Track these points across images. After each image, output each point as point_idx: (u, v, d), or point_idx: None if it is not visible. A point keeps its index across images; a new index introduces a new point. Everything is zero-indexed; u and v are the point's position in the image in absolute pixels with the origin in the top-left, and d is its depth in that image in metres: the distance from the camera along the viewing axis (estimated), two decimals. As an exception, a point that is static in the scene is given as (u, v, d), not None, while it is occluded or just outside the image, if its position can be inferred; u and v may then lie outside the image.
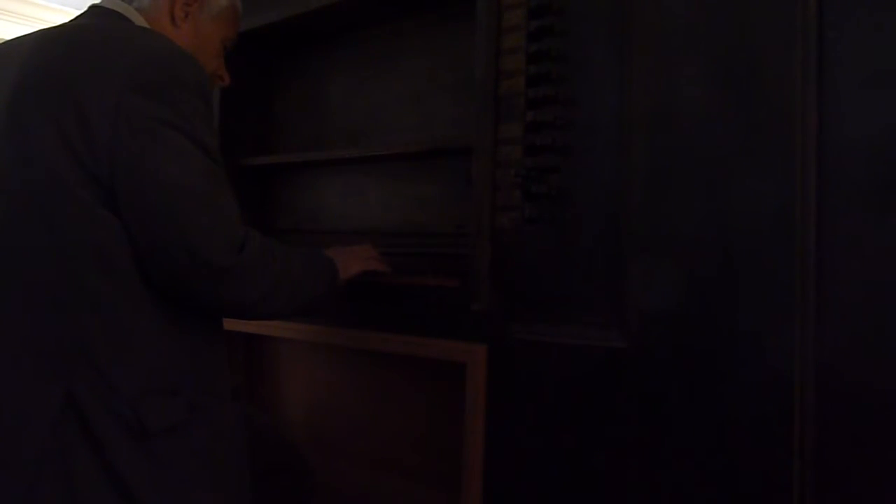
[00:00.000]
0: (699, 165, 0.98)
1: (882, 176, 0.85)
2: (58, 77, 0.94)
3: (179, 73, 0.96)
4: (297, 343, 1.72)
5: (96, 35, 1.01)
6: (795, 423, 0.89)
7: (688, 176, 0.98)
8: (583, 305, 1.07)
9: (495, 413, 1.17)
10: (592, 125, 1.08)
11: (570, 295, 1.09)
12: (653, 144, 1.02)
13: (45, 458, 0.90)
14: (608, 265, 1.05)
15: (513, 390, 1.15)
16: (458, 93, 1.49)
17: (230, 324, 1.15)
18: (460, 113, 1.49)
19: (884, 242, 0.84)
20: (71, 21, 1.10)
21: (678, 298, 0.98)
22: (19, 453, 0.91)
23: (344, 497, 1.61)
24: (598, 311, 1.06)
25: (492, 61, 1.19)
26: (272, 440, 1.35)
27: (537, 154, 1.13)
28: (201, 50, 1.15)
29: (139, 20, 1.09)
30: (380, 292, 1.35)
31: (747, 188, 0.94)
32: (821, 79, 0.89)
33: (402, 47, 1.63)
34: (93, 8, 1.10)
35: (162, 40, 1.01)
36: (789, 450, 0.89)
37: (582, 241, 1.08)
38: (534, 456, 1.12)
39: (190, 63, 0.99)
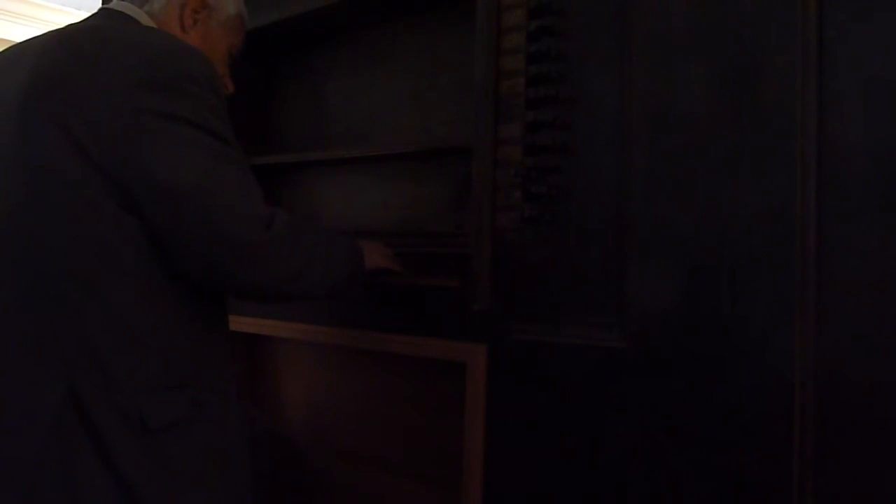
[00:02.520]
0: (699, 165, 0.98)
1: (882, 176, 0.85)
2: (67, 78, 0.95)
3: (188, 68, 0.97)
4: (297, 343, 1.72)
5: (105, 35, 1.01)
6: (795, 423, 0.89)
7: (688, 176, 0.98)
8: (583, 305, 1.07)
9: (495, 413, 1.17)
10: (592, 125, 1.08)
11: (570, 295, 1.09)
12: (653, 144, 1.02)
13: (46, 452, 0.90)
14: (608, 265, 1.05)
15: (513, 390, 1.15)
16: (458, 93, 1.49)
17: (230, 323, 1.15)
18: (460, 113, 1.49)
19: (884, 242, 0.84)
20: (80, 22, 1.11)
21: (678, 298, 0.98)
22: (21, 447, 0.91)
23: (344, 497, 1.61)
24: (598, 311, 1.06)
25: (492, 61, 1.19)
26: (274, 440, 1.35)
27: (537, 154, 1.13)
28: (208, 56, 1.16)
29: (148, 23, 1.10)
30: (380, 292, 1.35)
31: (748, 188, 0.94)
32: (821, 79, 0.89)
33: (402, 47, 1.63)
34: (102, 10, 1.12)
35: (169, 38, 1.02)
36: (789, 450, 0.89)
37: (582, 240, 1.08)
38: (534, 456, 1.12)
39: (198, 58, 0.99)
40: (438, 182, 1.53)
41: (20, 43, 1.09)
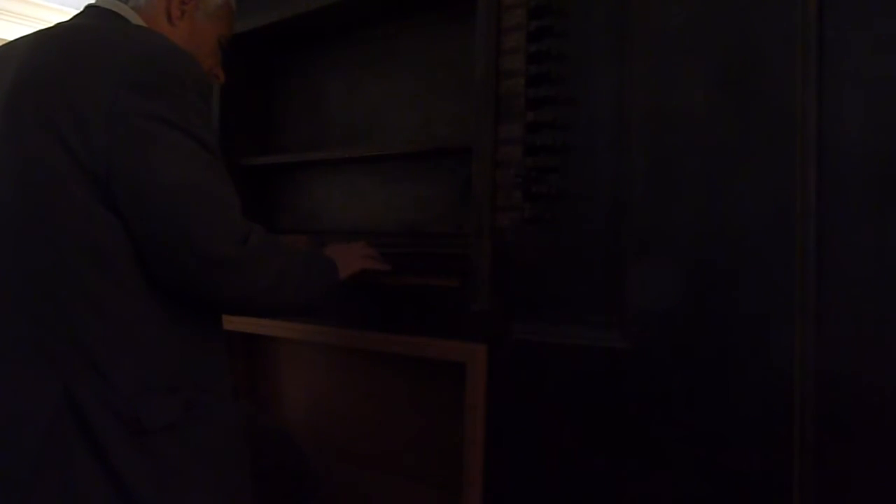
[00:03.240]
0: (699, 165, 0.98)
1: (882, 176, 0.85)
2: (54, 77, 0.94)
3: (176, 70, 0.96)
4: (297, 343, 1.72)
5: (92, 34, 1.01)
6: (795, 423, 0.89)
7: (688, 176, 0.98)
8: (583, 305, 1.07)
9: (495, 413, 1.17)
10: (592, 125, 1.08)
11: (570, 295, 1.09)
12: (653, 144, 1.02)
13: (43, 455, 0.90)
14: (608, 265, 1.05)
15: (513, 390, 1.15)
16: (458, 93, 1.49)
17: (230, 323, 1.15)
18: (460, 113, 1.49)
19: (884, 242, 0.84)
20: (67, 21, 1.10)
21: (678, 298, 0.98)
22: (18, 450, 0.91)
23: (344, 497, 1.61)
24: (598, 311, 1.06)
25: (492, 61, 1.19)
26: (274, 440, 1.35)
27: (537, 154, 1.13)
28: (198, 48, 1.16)
29: (136, 19, 1.09)
30: (380, 292, 1.35)
31: (747, 188, 0.94)
32: (821, 79, 0.89)
33: (402, 47, 1.63)
34: (89, 8, 1.10)
35: (158, 38, 1.01)
36: (789, 450, 0.89)
37: (582, 241, 1.08)
38: (534, 456, 1.12)
39: (186, 60, 0.99)
40: (438, 182, 1.53)
41: (8, 42, 1.09)
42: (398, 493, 1.52)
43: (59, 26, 1.05)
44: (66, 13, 4.31)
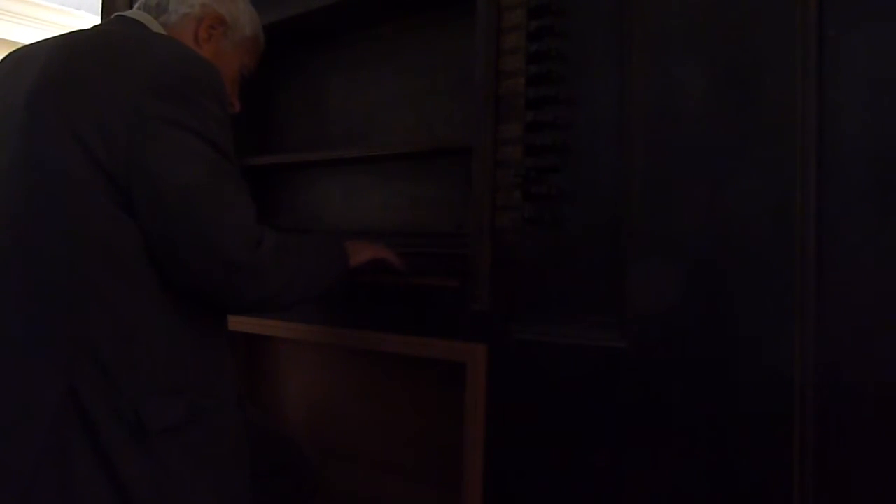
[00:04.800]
0: (699, 165, 0.98)
1: (882, 176, 0.85)
2: (75, 79, 0.96)
3: (195, 75, 0.98)
4: (297, 343, 1.72)
5: (115, 39, 1.03)
6: (795, 423, 0.89)
7: (688, 176, 0.98)
8: (583, 305, 1.07)
9: (495, 413, 1.17)
10: (592, 125, 1.08)
11: (570, 295, 1.09)
12: (653, 144, 1.02)
13: (44, 453, 0.90)
14: (608, 265, 1.05)
15: (513, 390, 1.15)
16: (458, 93, 1.49)
17: (230, 323, 1.15)
18: (460, 113, 1.49)
19: (884, 242, 0.84)
20: (93, 27, 1.12)
21: (678, 298, 0.98)
22: (19, 447, 0.91)
23: (344, 497, 1.61)
24: (598, 311, 1.06)
25: (492, 61, 1.19)
26: (275, 441, 1.35)
27: (537, 154, 1.13)
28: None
29: (161, 32, 1.11)
30: (380, 292, 1.35)
31: (747, 188, 0.94)
32: (821, 79, 0.89)
33: (402, 47, 1.63)
34: (117, 17, 1.13)
35: (179, 45, 1.03)
36: (789, 450, 0.89)
37: (582, 241, 1.08)
38: (534, 456, 1.12)
39: (205, 66, 1.00)
40: (438, 182, 1.53)
41: (31, 44, 1.10)
42: (398, 493, 1.52)
43: (85, 31, 1.07)
44: (66, 13, 4.32)
